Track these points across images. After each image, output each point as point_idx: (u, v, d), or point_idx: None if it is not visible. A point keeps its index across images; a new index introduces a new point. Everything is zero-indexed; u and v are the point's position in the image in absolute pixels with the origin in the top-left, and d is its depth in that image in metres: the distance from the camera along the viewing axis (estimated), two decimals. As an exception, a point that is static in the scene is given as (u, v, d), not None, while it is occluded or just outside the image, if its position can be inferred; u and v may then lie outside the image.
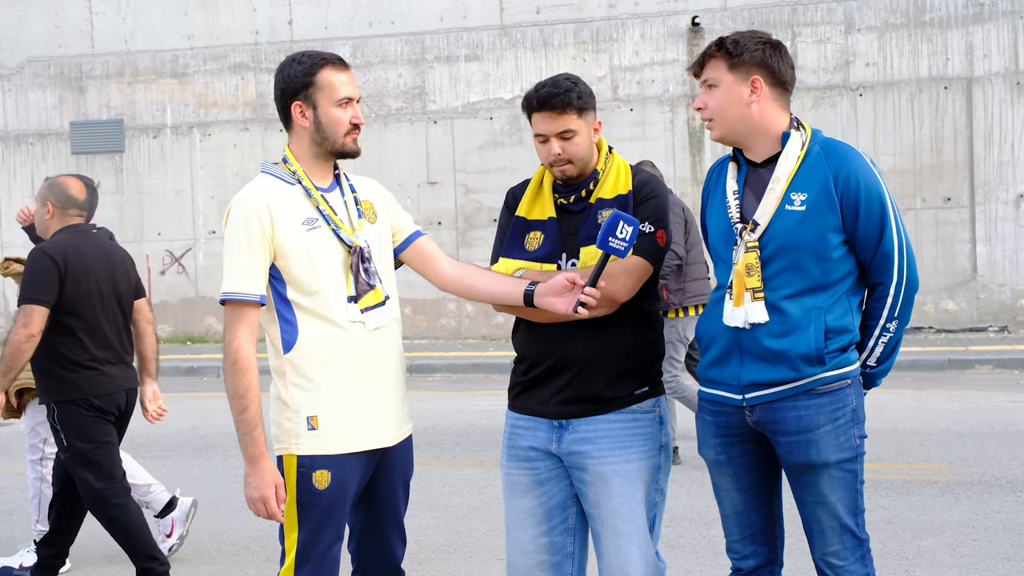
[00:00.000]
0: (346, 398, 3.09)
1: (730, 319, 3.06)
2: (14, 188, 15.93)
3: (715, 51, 3.11)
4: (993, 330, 13.46)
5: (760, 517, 3.22)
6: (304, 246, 3.06)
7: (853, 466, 3.06)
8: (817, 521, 3.09)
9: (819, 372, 3.00)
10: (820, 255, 2.99)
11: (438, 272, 3.35)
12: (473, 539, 5.74)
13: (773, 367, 3.02)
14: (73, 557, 5.62)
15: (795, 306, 3.00)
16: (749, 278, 3.02)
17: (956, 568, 5.05)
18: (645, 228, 3.21)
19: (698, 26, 14.02)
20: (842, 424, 3.03)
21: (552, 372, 3.26)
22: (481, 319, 14.68)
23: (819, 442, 3.02)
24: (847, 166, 3.00)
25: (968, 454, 7.29)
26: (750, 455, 3.17)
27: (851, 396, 3.05)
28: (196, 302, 15.57)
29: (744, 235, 3.03)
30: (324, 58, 3.14)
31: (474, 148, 14.72)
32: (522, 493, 3.34)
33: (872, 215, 3.00)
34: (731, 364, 3.09)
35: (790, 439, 3.04)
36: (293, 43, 14.82)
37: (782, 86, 3.10)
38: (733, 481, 3.20)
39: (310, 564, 3.08)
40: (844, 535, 3.07)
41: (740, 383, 3.08)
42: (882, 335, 3.07)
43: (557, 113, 3.19)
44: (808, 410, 3.02)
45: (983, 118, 13.49)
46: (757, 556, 3.23)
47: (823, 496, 3.06)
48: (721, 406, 3.16)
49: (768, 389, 3.04)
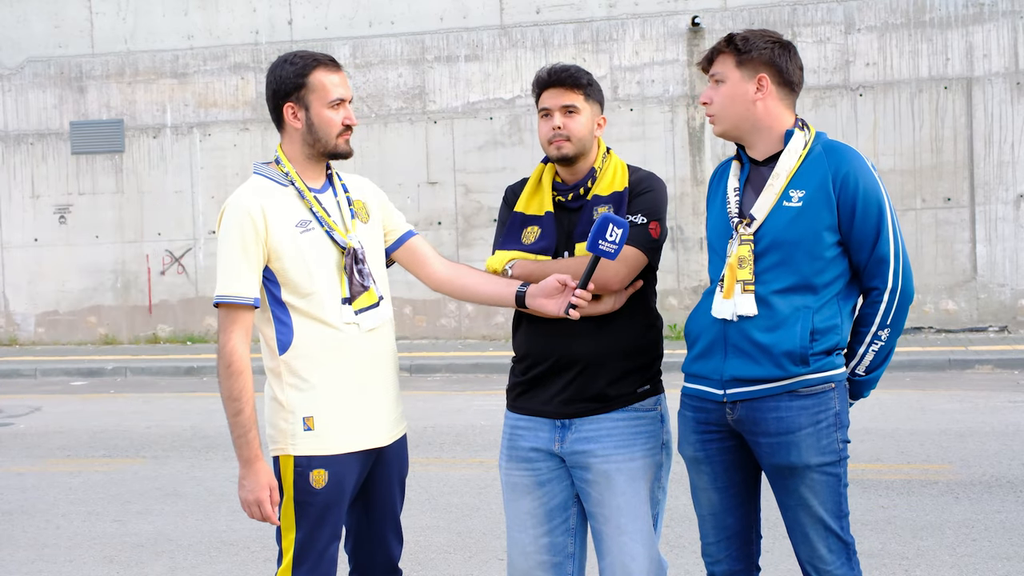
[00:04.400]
0: (342, 398, 3.09)
1: (718, 311, 3.06)
2: (14, 188, 15.92)
3: (724, 47, 3.12)
4: (993, 330, 13.46)
5: (736, 520, 3.19)
6: (298, 248, 3.06)
7: (836, 470, 3.03)
8: (800, 524, 3.07)
9: (802, 372, 2.98)
10: (813, 253, 2.99)
11: (430, 272, 3.36)
12: (473, 539, 5.74)
13: (757, 363, 3.00)
14: (74, 557, 5.62)
15: (784, 302, 3.00)
16: (740, 270, 3.02)
17: (956, 568, 5.05)
18: (637, 219, 3.22)
19: (698, 26, 14.02)
20: (824, 427, 3.01)
21: (554, 371, 3.27)
22: (481, 319, 14.68)
23: (800, 444, 3.00)
24: (847, 166, 3.01)
25: (968, 454, 7.28)
26: (729, 453, 3.14)
27: (834, 400, 3.03)
28: (196, 302, 15.57)
29: (740, 228, 3.05)
30: (316, 59, 3.14)
31: (474, 148, 14.72)
32: (523, 494, 3.34)
33: (869, 216, 3.00)
34: (715, 358, 3.08)
35: (771, 440, 3.02)
36: (293, 43, 14.82)
37: (788, 86, 3.11)
38: (710, 480, 3.17)
39: (308, 564, 3.08)
40: (829, 538, 3.05)
41: (723, 378, 3.06)
42: (873, 342, 3.06)
43: (566, 88, 3.25)
44: (790, 411, 3.00)
45: (983, 118, 13.48)
46: (731, 560, 3.20)
47: (804, 499, 3.04)
48: (702, 401, 3.14)
49: (750, 386, 3.02)
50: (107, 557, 5.64)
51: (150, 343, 15.67)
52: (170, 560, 5.54)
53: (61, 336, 15.96)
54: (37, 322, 16.04)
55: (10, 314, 16.07)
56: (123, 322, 15.82)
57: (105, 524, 6.26)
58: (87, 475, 7.53)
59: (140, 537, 5.96)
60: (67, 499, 6.86)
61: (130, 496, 6.88)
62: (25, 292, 15.99)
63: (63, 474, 7.59)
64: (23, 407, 10.84)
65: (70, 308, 15.93)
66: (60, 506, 6.69)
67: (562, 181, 3.35)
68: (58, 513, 6.53)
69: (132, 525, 6.21)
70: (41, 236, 15.81)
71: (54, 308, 15.98)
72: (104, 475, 7.51)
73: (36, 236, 15.81)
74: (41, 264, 15.87)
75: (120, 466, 7.80)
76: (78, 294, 15.88)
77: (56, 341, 15.96)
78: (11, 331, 16.08)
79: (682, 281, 14.04)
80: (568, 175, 3.33)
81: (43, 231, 15.82)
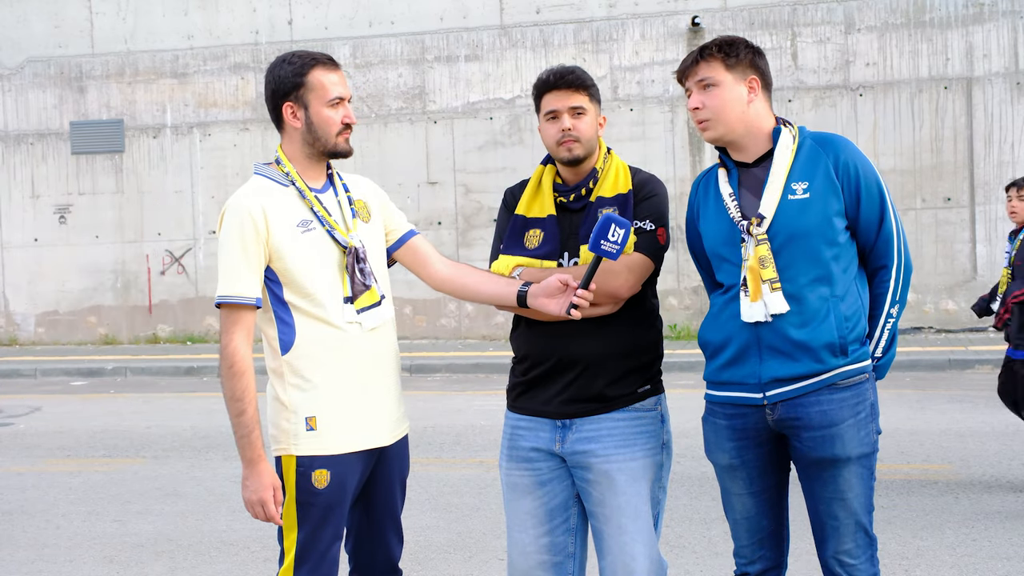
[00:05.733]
0: (344, 398, 3.09)
1: (749, 315, 3.05)
2: (14, 188, 15.93)
3: (713, 52, 3.13)
4: (993, 330, 13.45)
5: (770, 521, 3.22)
6: (299, 248, 3.06)
7: (870, 462, 3.08)
8: (833, 518, 3.09)
9: (842, 364, 3.02)
10: (829, 239, 3.03)
11: (431, 272, 3.36)
12: (473, 539, 5.74)
13: (796, 361, 3.02)
14: (74, 557, 5.62)
15: (812, 295, 3.03)
16: (764, 270, 3.03)
17: (956, 568, 5.05)
18: (646, 226, 3.23)
19: (698, 26, 14.02)
20: (863, 418, 3.05)
21: (554, 372, 3.27)
22: (481, 319, 14.68)
23: (843, 436, 3.03)
24: (844, 153, 3.08)
25: (968, 454, 7.28)
26: (764, 458, 3.16)
27: (869, 390, 3.08)
28: (196, 302, 15.57)
29: (752, 230, 3.05)
30: (314, 58, 3.14)
31: (474, 148, 14.72)
32: (523, 494, 3.34)
33: (872, 199, 3.07)
34: (749, 362, 3.08)
35: (814, 434, 3.04)
36: (293, 43, 14.82)
37: (769, 88, 3.19)
38: (746, 485, 3.18)
39: (309, 564, 3.08)
40: (858, 533, 3.08)
41: (761, 380, 3.06)
42: (887, 321, 3.11)
43: (572, 90, 3.26)
44: (832, 404, 3.03)
45: (983, 118, 13.49)
46: (764, 560, 3.23)
47: (842, 492, 3.06)
48: (737, 408, 3.13)
49: (792, 384, 3.03)
50: (107, 557, 5.64)
51: (150, 343, 15.67)
52: (170, 560, 5.54)
53: (61, 336, 15.97)
54: (37, 322, 16.04)
55: (10, 314, 16.07)
56: (123, 322, 15.83)
57: (105, 524, 6.26)
58: (87, 475, 7.53)
59: (140, 537, 5.96)
60: (67, 499, 6.86)
61: (130, 496, 6.88)
62: (25, 292, 15.99)
63: (63, 474, 7.59)
64: (23, 407, 10.84)
65: (70, 308, 15.93)
66: (60, 506, 6.69)
67: (563, 182, 3.34)
68: (58, 513, 6.53)
69: (132, 525, 6.21)
70: (41, 236, 15.81)
71: (54, 308, 15.99)
72: (104, 475, 7.51)
73: (36, 236, 15.82)
74: (41, 264, 15.87)
75: (120, 466, 7.80)
76: (78, 294, 15.88)
77: (56, 341, 15.96)
78: (11, 331, 16.08)
79: (682, 281, 14.04)
80: (571, 176, 3.33)
81: (43, 231, 15.82)
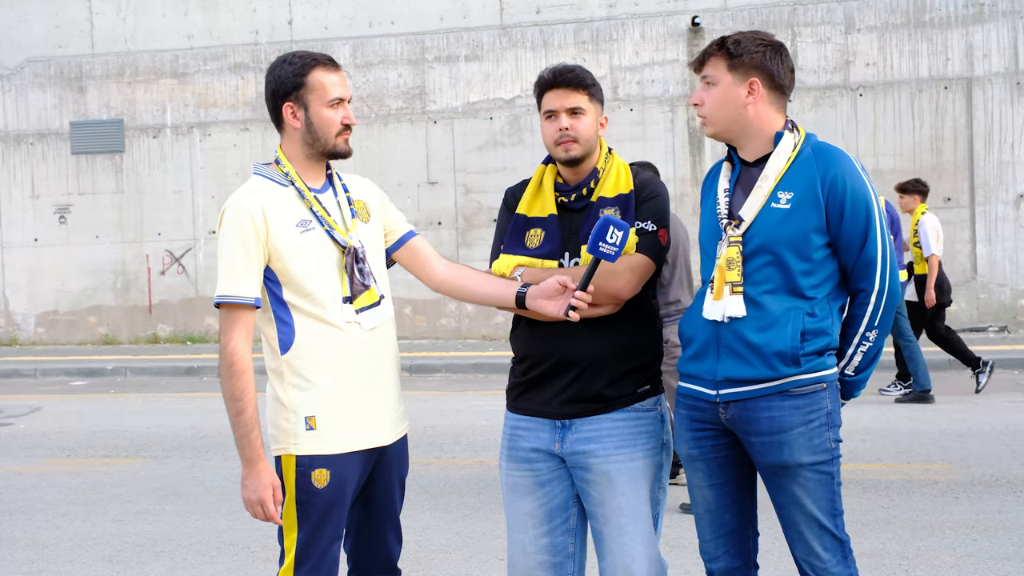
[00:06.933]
0: (344, 398, 3.10)
1: (709, 312, 3.08)
2: (14, 188, 15.93)
3: (716, 50, 3.13)
4: (993, 330, 13.46)
5: (733, 516, 3.21)
6: (299, 248, 3.06)
7: (829, 468, 3.06)
8: (794, 523, 3.10)
9: (794, 373, 3.01)
10: (802, 254, 3.01)
11: (431, 273, 3.36)
12: (473, 539, 5.74)
13: (749, 364, 3.03)
14: (74, 557, 5.62)
15: (774, 303, 3.02)
16: (729, 272, 3.04)
17: (956, 568, 5.05)
18: (648, 227, 3.23)
19: (698, 26, 14.02)
20: (816, 427, 3.03)
21: (554, 372, 3.27)
22: (481, 319, 14.68)
23: (792, 443, 3.02)
24: (835, 168, 3.02)
25: (968, 454, 7.28)
26: (723, 450, 3.17)
27: (826, 400, 3.05)
28: (196, 302, 15.57)
29: (728, 230, 3.06)
30: (315, 59, 3.14)
31: (474, 148, 14.72)
32: (523, 495, 3.34)
33: (857, 219, 3.02)
34: (708, 359, 3.11)
35: (763, 439, 3.05)
36: (293, 43, 14.82)
37: (779, 89, 3.12)
38: (705, 477, 3.20)
39: (310, 563, 3.09)
40: (823, 536, 3.07)
41: (715, 378, 3.09)
42: (861, 344, 3.08)
43: (571, 89, 3.25)
44: (782, 411, 3.02)
45: (983, 118, 13.49)
46: (728, 557, 3.22)
47: (798, 498, 3.06)
48: (696, 400, 3.17)
49: (743, 387, 3.05)
50: (107, 557, 5.64)
51: (150, 343, 15.68)
52: (170, 560, 5.54)
53: (61, 336, 15.97)
54: (37, 322, 16.04)
55: (10, 314, 16.07)
56: (123, 322, 15.83)
57: (105, 524, 6.26)
58: (87, 475, 7.53)
59: (140, 537, 5.96)
60: (67, 499, 6.86)
61: (130, 496, 6.88)
62: (25, 292, 16.00)
63: (63, 474, 7.59)
64: (23, 407, 10.84)
65: (70, 308, 15.93)
66: (60, 506, 6.69)
67: (564, 182, 3.34)
68: (58, 513, 6.53)
69: (132, 525, 6.21)
70: (41, 236, 15.82)
71: (54, 308, 15.99)
72: (104, 475, 7.51)
73: (36, 236, 15.82)
74: (41, 264, 15.87)
75: (120, 466, 7.80)
76: (78, 294, 15.88)
77: (56, 341, 15.97)
78: (11, 331, 16.08)
79: (682, 281, 14.03)
80: (571, 176, 3.33)
81: (43, 231, 15.82)
